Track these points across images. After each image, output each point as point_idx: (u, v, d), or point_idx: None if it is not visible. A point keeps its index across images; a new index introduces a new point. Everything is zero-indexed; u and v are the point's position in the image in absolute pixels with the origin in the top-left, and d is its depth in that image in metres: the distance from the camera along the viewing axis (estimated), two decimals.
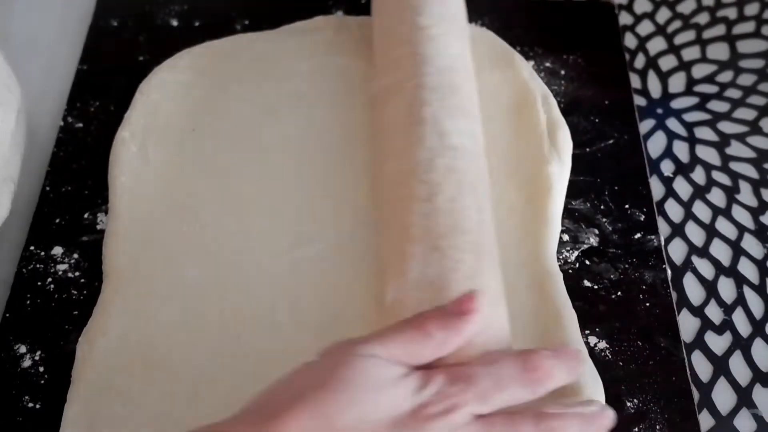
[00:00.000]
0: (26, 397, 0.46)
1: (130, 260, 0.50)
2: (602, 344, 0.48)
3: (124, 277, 0.49)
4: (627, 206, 0.54)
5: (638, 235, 0.53)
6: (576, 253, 0.52)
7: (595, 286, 0.51)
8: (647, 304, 0.50)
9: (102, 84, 0.60)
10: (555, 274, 0.49)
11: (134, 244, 0.51)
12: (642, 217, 0.54)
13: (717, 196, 0.57)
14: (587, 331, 0.49)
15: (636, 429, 0.45)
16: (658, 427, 0.45)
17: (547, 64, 0.61)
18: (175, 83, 0.59)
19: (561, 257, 0.52)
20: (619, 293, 0.50)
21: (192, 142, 0.56)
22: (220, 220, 0.52)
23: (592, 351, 0.48)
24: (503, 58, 0.59)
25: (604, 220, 0.54)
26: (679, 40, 0.67)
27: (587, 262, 0.52)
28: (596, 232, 0.53)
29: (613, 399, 0.45)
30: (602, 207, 0.54)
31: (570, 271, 0.51)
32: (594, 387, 0.44)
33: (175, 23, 0.65)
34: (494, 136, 0.55)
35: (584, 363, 0.43)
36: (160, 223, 0.52)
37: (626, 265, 0.51)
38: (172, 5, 0.65)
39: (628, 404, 0.46)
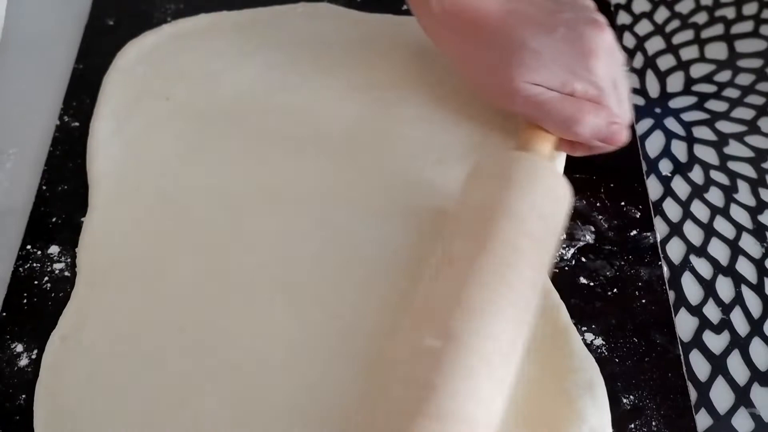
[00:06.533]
0: (23, 396, 0.46)
1: (105, 254, 0.50)
2: (598, 341, 0.48)
3: (99, 271, 0.49)
4: (623, 203, 0.54)
5: (634, 232, 0.53)
6: (572, 250, 0.52)
7: (591, 283, 0.50)
8: (643, 301, 0.50)
9: (98, 83, 0.60)
10: None
11: (111, 237, 0.51)
12: (638, 214, 0.54)
13: (715, 196, 0.57)
14: (584, 328, 0.48)
15: (632, 425, 0.45)
16: (653, 423, 0.45)
17: None
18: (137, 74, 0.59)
19: (557, 254, 0.51)
20: (614, 290, 0.50)
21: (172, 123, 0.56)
22: (206, 210, 0.52)
23: (587, 348, 0.47)
24: None
25: (600, 217, 0.53)
26: (677, 39, 0.66)
27: (583, 260, 0.51)
28: (592, 229, 0.53)
29: (609, 396, 0.45)
30: (598, 204, 0.54)
31: (566, 268, 0.51)
32: (591, 370, 0.45)
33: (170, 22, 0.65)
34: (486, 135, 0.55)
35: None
36: (138, 214, 0.52)
37: (622, 262, 0.51)
38: (168, 4, 0.65)
39: (624, 401, 0.46)
